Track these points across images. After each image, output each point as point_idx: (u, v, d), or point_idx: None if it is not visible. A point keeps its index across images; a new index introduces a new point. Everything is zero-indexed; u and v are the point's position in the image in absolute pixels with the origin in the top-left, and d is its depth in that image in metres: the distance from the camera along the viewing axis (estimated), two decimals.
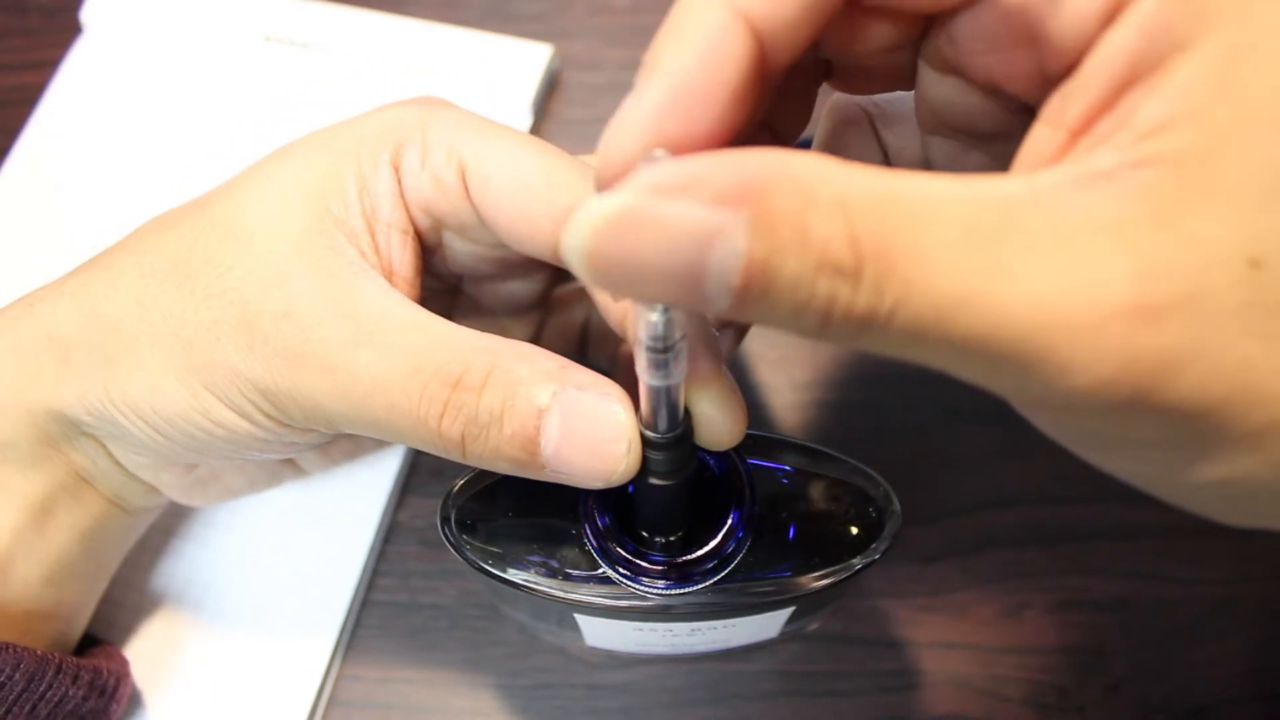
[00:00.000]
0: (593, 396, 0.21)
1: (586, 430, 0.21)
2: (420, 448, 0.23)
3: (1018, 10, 0.17)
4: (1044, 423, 0.17)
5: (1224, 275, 0.13)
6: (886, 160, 0.25)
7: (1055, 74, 0.17)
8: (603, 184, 0.18)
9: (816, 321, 0.14)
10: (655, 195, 0.13)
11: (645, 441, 0.21)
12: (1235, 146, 0.14)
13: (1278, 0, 0.14)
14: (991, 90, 0.20)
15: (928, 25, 0.20)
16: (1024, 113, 0.20)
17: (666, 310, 0.17)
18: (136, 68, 0.43)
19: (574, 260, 0.14)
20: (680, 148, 0.17)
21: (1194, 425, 0.14)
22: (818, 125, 0.26)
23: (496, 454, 0.22)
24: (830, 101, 0.26)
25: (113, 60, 0.43)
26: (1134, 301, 0.13)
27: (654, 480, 0.22)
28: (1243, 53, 0.14)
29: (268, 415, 0.25)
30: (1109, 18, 0.16)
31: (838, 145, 0.26)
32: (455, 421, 0.22)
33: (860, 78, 0.23)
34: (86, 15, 0.44)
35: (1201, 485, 0.15)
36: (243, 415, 0.25)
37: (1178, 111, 0.14)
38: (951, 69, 0.20)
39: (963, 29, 0.19)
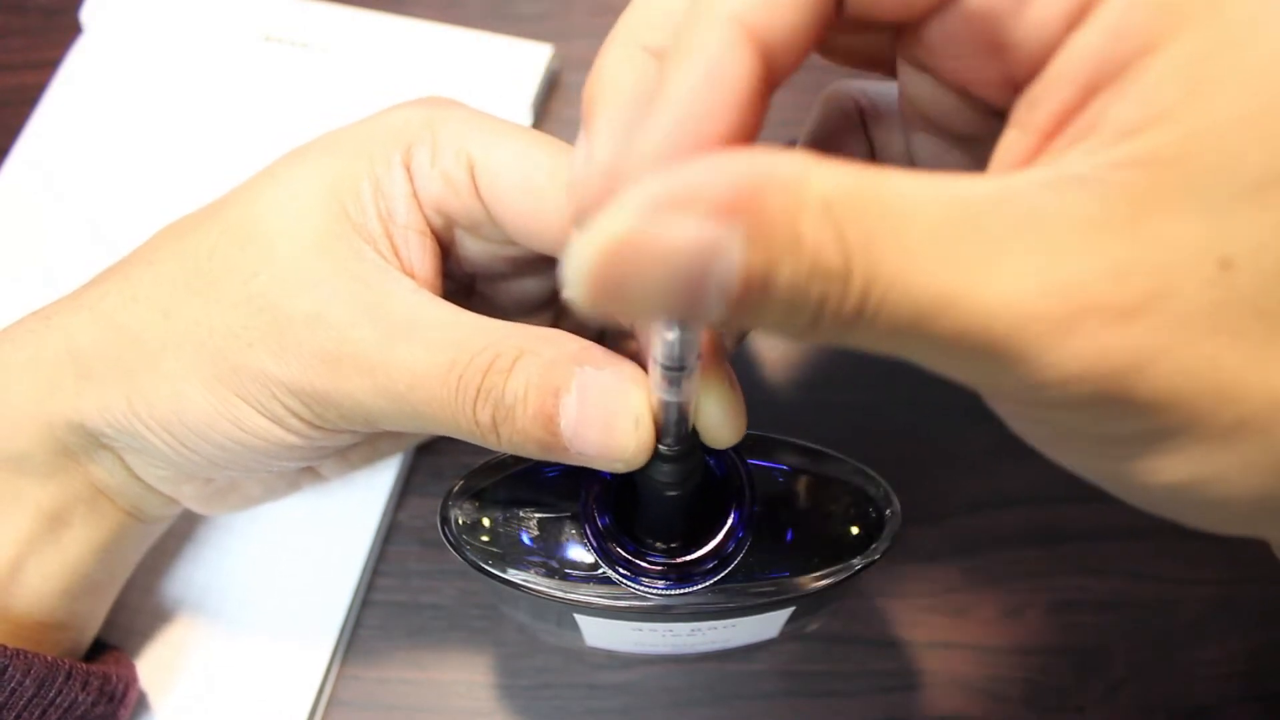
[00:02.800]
0: (607, 374, 0.22)
1: (601, 407, 0.21)
2: (460, 437, 0.23)
3: (981, 17, 0.17)
4: (1017, 419, 0.17)
5: (1194, 275, 0.14)
6: (873, 155, 0.25)
7: (1022, 79, 0.17)
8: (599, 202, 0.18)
9: (807, 323, 0.14)
10: (651, 215, 0.13)
11: (655, 453, 0.21)
12: (1206, 147, 0.14)
13: (1247, 5, 0.14)
14: (963, 93, 0.20)
15: (901, 28, 0.20)
16: (998, 116, 0.20)
17: (684, 330, 0.17)
18: (136, 68, 0.43)
19: (576, 291, 0.14)
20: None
21: (1163, 422, 0.14)
22: (810, 116, 0.26)
23: (525, 436, 0.22)
24: (824, 93, 0.26)
25: (113, 60, 0.43)
26: (1105, 300, 0.14)
27: (660, 490, 0.22)
28: (1212, 53, 0.14)
29: (302, 419, 0.25)
30: (1073, 23, 0.16)
31: (827, 137, 0.26)
32: (486, 405, 0.22)
33: (843, 61, 0.23)
34: (86, 15, 0.44)
35: (1172, 485, 0.15)
36: (275, 420, 0.25)
37: (1148, 113, 0.14)
38: (925, 69, 0.20)
39: (931, 34, 0.19)
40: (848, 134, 0.25)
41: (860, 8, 0.18)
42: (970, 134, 0.22)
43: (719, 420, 0.21)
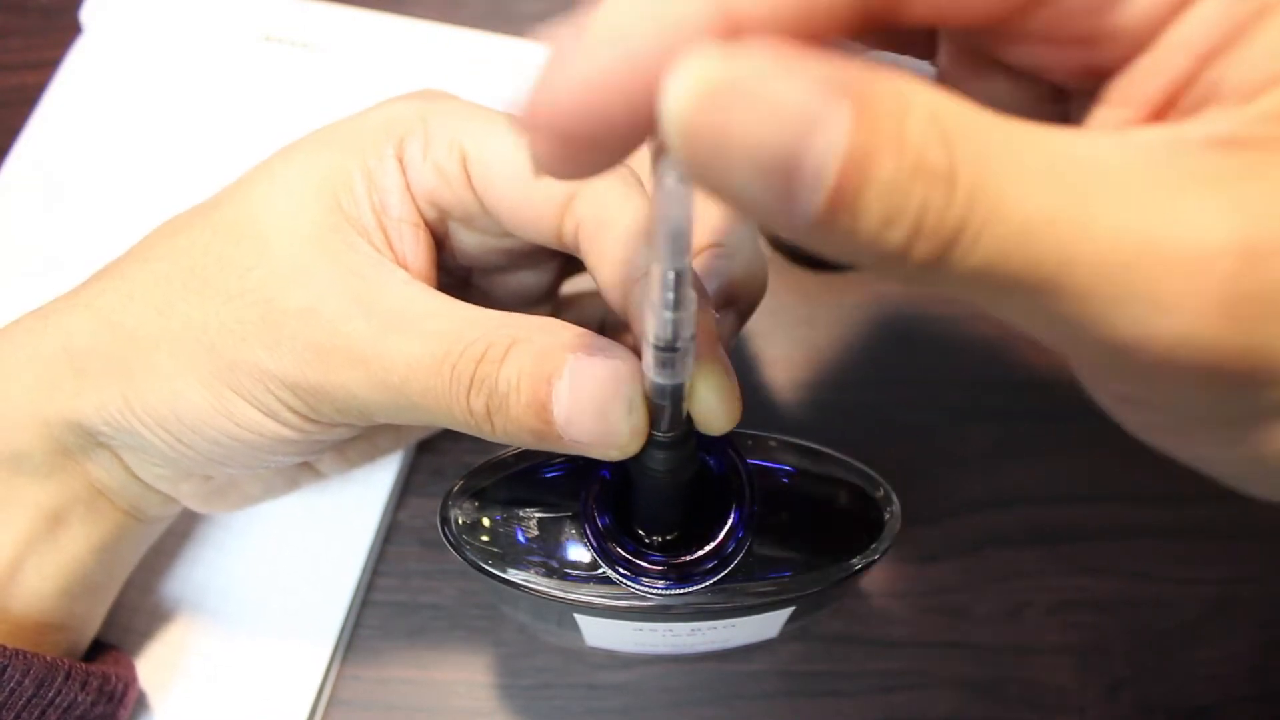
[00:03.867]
0: (600, 360, 0.21)
1: (593, 393, 0.21)
2: (455, 427, 0.23)
3: (1081, 10, 0.16)
4: (1115, 389, 0.16)
5: None
6: None
7: (1108, 65, 0.17)
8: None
9: (905, 235, 0.13)
10: (763, 67, 0.12)
11: (649, 440, 0.21)
12: None
13: None
14: (1022, 79, 0.20)
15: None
16: (1055, 100, 0.20)
17: (680, 309, 0.17)
18: (136, 68, 0.43)
19: (670, 130, 0.13)
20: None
21: None
22: None
23: (518, 424, 0.22)
24: None
25: (113, 60, 0.43)
26: (1238, 243, 0.13)
27: (656, 479, 0.22)
28: None
29: (296, 413, 0.25)
30: (1179, 7, 0.15)
31: None
32: (480, 395, 0.22)
33: (872, 43, 0.22)
34: (86, 15, 0.44)
35: None
36: (271, 415, 0.25)
37: (1270, 71, 0.14)
38: (981, 59, 0.20)
39: (1011, 30, 0.18)
40: None
41: (930, 10, 0.17)
42: (1017, 115, 0.21)
43: (714, 406, 0.21)
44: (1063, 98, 0.20)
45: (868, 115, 0.12)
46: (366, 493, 0.36)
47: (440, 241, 0.28)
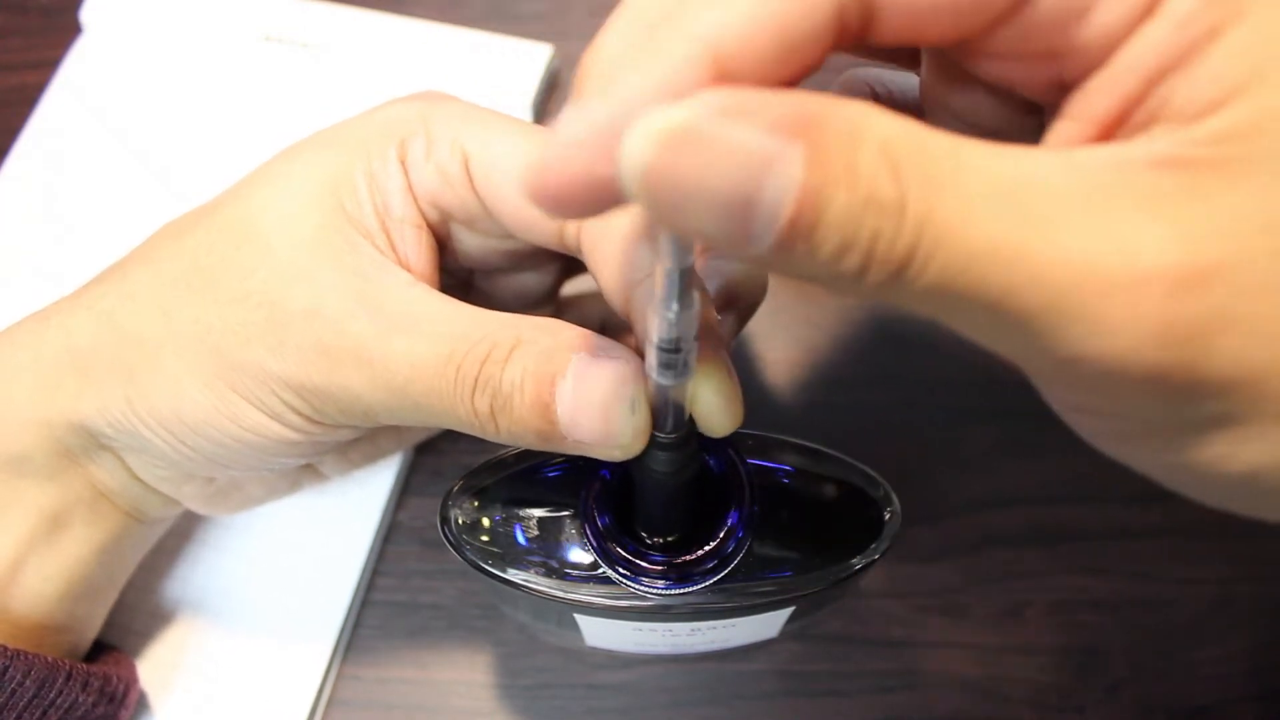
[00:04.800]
0: (603, 360, 0.22)
1: (596, 393, 0.21)
2: (459, 428, 0.23)
3: (1044, 28, 0.17)
4: (1064, 395, 0.16)
5: (1266, 247, 0.13)
6: None
7: (1074, 78, 0.17)
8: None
9: (858, 262, 0.13)
10: (718, 115, 0.13)
11: (651, 441, 0.21)
12: (1275, 123, 0.14)
13: None
14: (997, 92, 0.20)
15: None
16: (1031, 112, 0.20)
17: (684, 309, 0.17)
18: (136, 68, 0.43)
19: (629, 176, 0.13)
20: None
21: (1230, 402, 0.14)
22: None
23: (522, 425, 0.22)
24: (840, 79, 0.26)
25: (113, 60, 0.43)
26: (1175, 266, 0.13)
27: (658, 480, 0.22)
28: (1275, 34, 0.14)
29: (300, 414, 0.25)
30: (1137, 20, 0.16)
31: None
32: (484, 395, 0.22)
33: (860, 55, 0.23)
34: (86, 15, 0.44)
35: (1241, 474, 0.15)
36: (274, 417, 0.25)
37: (1219, 93, 0.14)
38: (959, 73, 0.20)
39: (982, 45, 0.18)
40: None
41: (897, 33, 0.17)
42: (996, 128, 0.21)
43: (715, 408, 0.21)
44: (1037, 110, 0.20)
45: (819, 152, 0.13)
46: (366, 493, 0.36)
47: (442, 243, 0.28)
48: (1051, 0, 0.16)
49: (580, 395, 0.21)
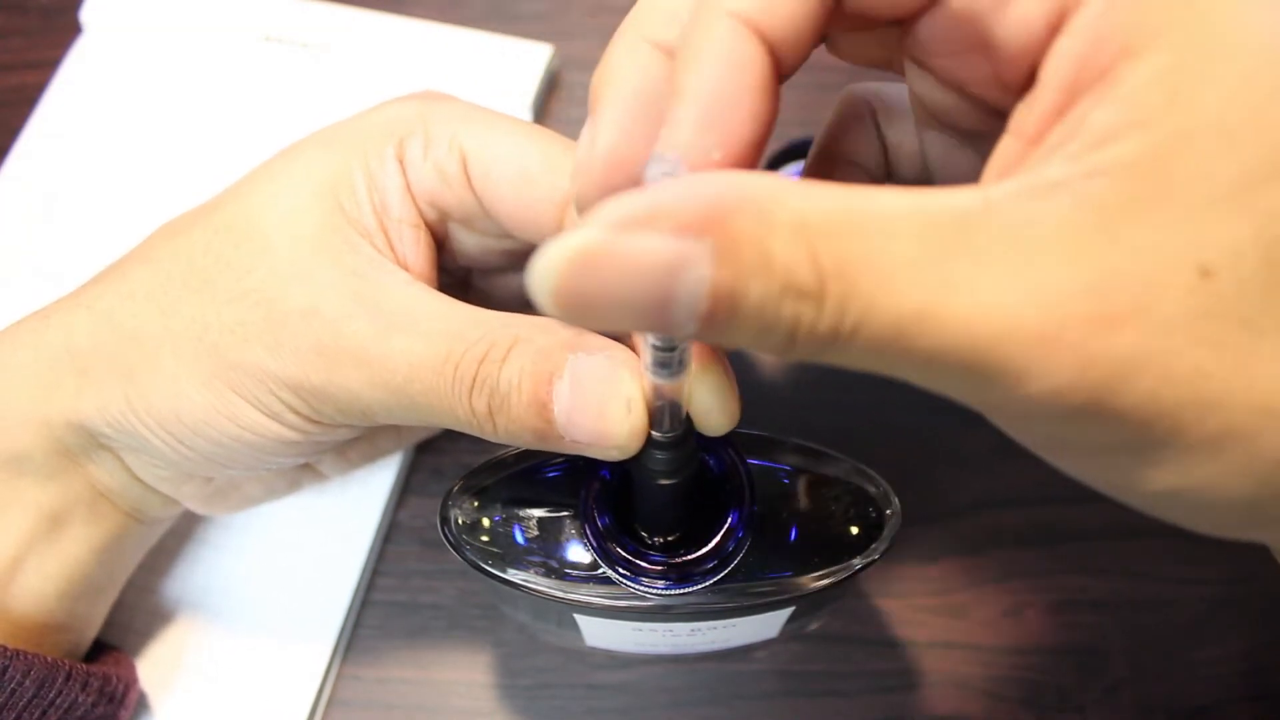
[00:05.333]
0: (600, 359, 0.22)
1: (593, 392, 0.21)
2: (458, 428, 0.24)
3: (965, 16, 0.17)
4: (1010, 429, 0.17)
5: (1175, 284, 0.14)
6: (886, 155, 0.26)
7: (1010, 79, 0.17)
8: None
9: (782, 342, 0.14)
10: (619, 230, 0.13)
11: (648, 440, 0.21)
12: (1185, 154, 0.14)
13: (1227, 10, 0.14)
14: (962, 92, 0.20)
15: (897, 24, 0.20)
16: (1000, 116, 0.20)
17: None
18: (136, 68, 0.43)
19: (542, 301, 0.14)
20: (717, 161, 0.17)
21: (1148, 432, 0.14)
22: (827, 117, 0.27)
23: (520, 424, 0.22)
24: (841, 95, 0.26)
25: (113, 60, 0.43)
26: (1086, 311, 0.14)
27: (656, 479, 0.22)
28: (1193, 61, 0.14)
29: (299, 414, 0.25)
30: (1055, 24, 0.16)
31: (841, 138, 0.26)
32: (482, 394, 0.22)
33: (853, 60, 0.23)
34: (86, 15, 0.44)
35: (1163, 492, 0.15)
36: (273, 416, 0.25)
37: (1127, 119, 0.14)
38: (924, 68, 0.20)
39: (922, 32, 0.19)
40: (860, 133, 0.25)
41: (856, 4, 0.18)
42: (976, 131, 0.22)
43: (712, 406, 0.21)
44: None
45: (730, 248, 0.13)
46: (366, 493, 0.36)
47: (440, 243, 0.28)
48: None
49: (577, 394, 0.21)
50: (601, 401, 0.21)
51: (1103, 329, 0.14)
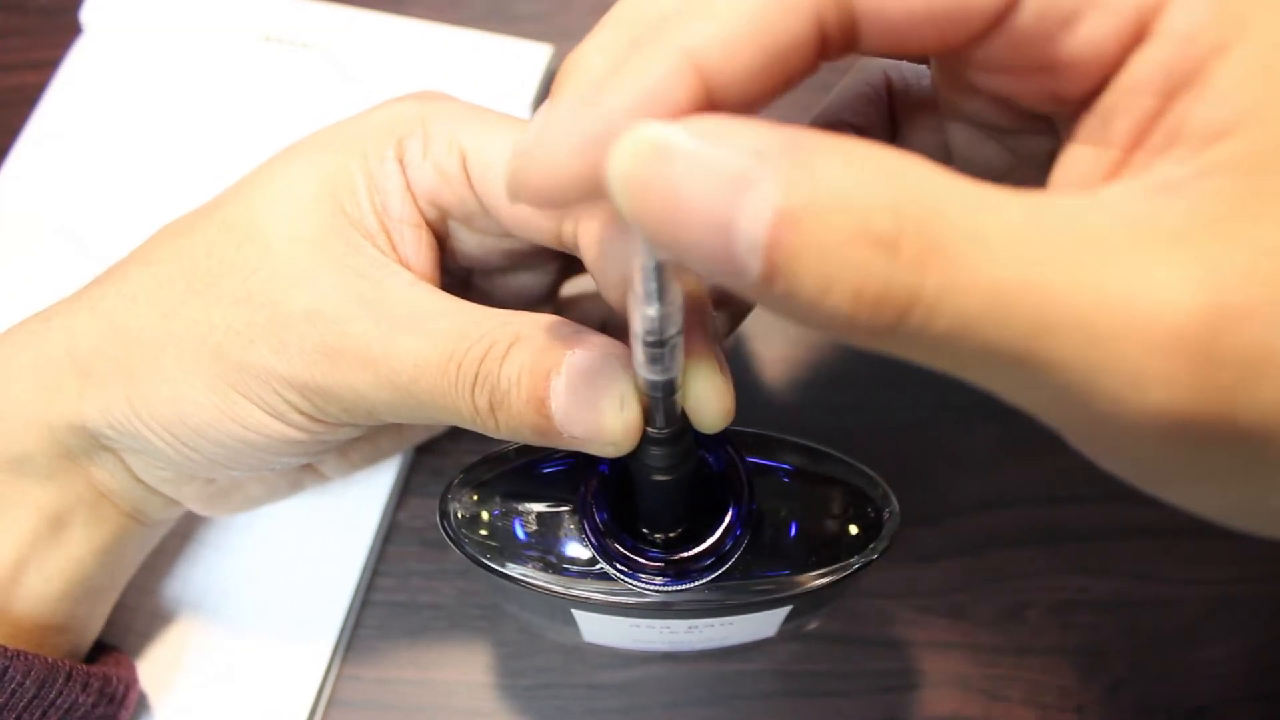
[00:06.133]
0: (595, 356, 0.22)
1: (587, 388, 0.21)
2: (461, 425, 0.24)
3: (1029, 41, 0.17)
4: (1095, 447, 0.15)
5: None
6: (895, 133, 0.25)
7: (1071, 94, 0.17)
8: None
9: (847, 301, 0.12)
10: (699, 135, 0.13)
11: (644, 436, 0.21)
12: None
13: None
14: (999, 101, 0.20)
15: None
16: (1037, 117, 0.20)
17: (663, 303, 0.17)
18: (136, 68, 0.43)
19: (615, 187, 0.13)
20: None
21: (1271, 445, 0.13)
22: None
23: (520, 420, 0.22)
24: (855, 65, 0.25)
25: (113, 60, 0.43)
26: (1207, 308, 0.13)
27: (653, 475, 0.22)
28: None
29: (303, 413, 0.25)
30: (1129, 37, 0.15)
31: (847, 106, 0.25)
32: (484, 392, 0.22)
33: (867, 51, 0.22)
34: (86, 15, 0.44)
35: (1268, 510, 0.15)
36: (277, 416, 0.25)
37: (1229, 115, 0.14)
38: (965, 81, 0.20)
39: (971, 57, 0.18)
40: (869, 105, 0.25)
41: (880, 44, 0.17)
42: (1007, 129, 0.21)
43: (706, 402, 0.21)
44: (1044, 120, 0.20)
45: (803, 176, 0.12)
46: (366, 493, 0.36)
47: (441, 242, 0.28)
48: (1035, 13, 0.16)
49: (573, 390, 0.21)
50: (595, 398, 0.21)
51: (1227, 328, 0.13)
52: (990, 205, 0.13)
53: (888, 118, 0.25)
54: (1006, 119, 0.21)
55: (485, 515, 0.24)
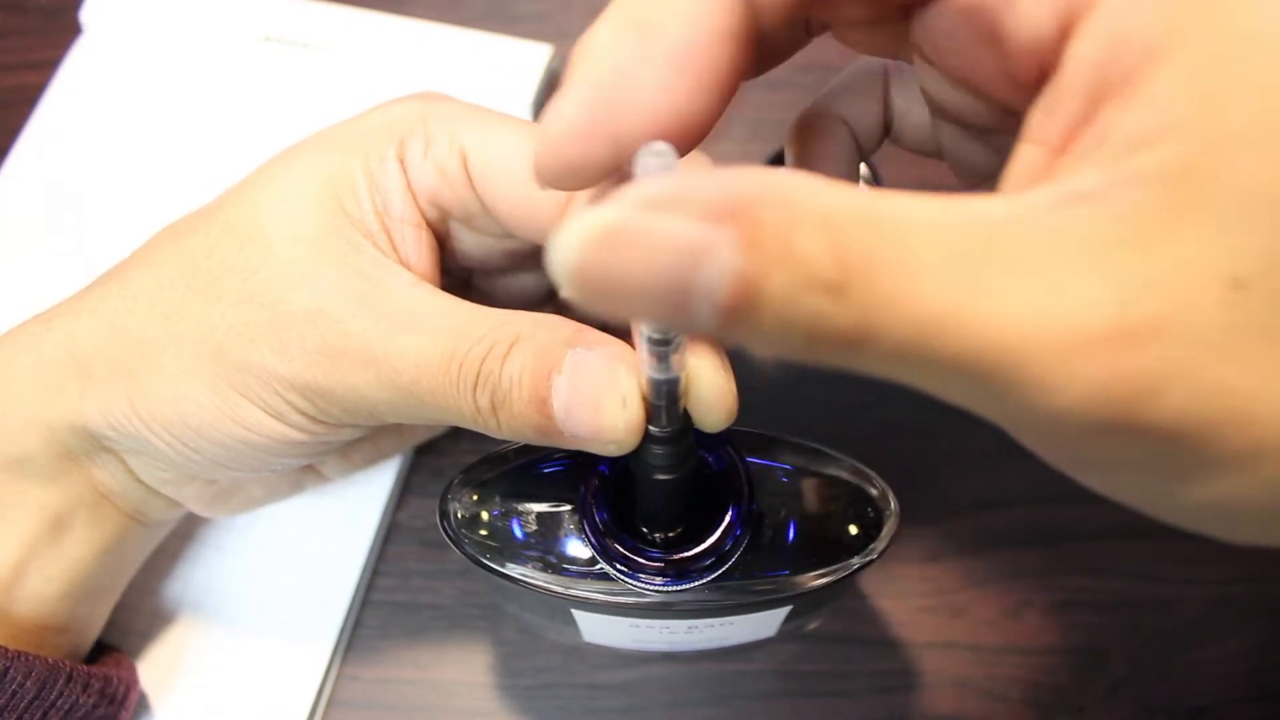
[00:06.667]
0: (597, 354, 0.22)
1: (590, 387, 0.21)
2: (463, 424, 0.24)
3: (971, 10, 0.17)
4: (1035, 445, 0.16)
5: (1205, 297, 0.13)
6: (887, 122, 0.25)
7: (1023, 79, 0.17)
8: (588, 162, 0.18)
9: (802, 341, 0.14)
10: (644, 209, 0.13)
11: (646, 436, 0.21)
12: (1217, 163, 0.13)
13: (1253, 8, 0.14)
14: (970, 89, 0.20)
15: (901, 12, 0.20)
16: (1011, 114, 0.20)
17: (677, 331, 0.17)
18: (136, 68, 0.43)
19: (561, 277, 0.13)
20: (675, 120, 0.17)
21: (1176, 448, 0.14)
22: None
23: (521, 419, 0.22)
24: (855, 61, 0.26)
25: (113, 60, 0.43)
26: (1114, 324, 0.13)
27: (654, 475, 0.22)
28: (1221, 63, 0.14)
29: (305, 414, 0.25)
30: (1065, 25, 0.16)
31: (839, 98, 0.25)
32: (485, 391, 0.22)
33: (864, 50, 0.23)
34: (86, 15, 0.44)
35: (1192, 507, 0.15)
36: (278, 417, 0.25)
37: (1156, 126, 0.14)
38: (931, 63, 0.20)
39: (929, 23, 0.19)
40: (862, 97, 0.25)
41: None
42: (986, 127, 0.22)
43: (709, 402, 0.21)
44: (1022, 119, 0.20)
45: (754, 237, 0.13)
46: (366, 493, 0.36)
47: (442, 242, 0.28)
48: None
49: (574, 390, 0.21)
50: (598, 397, 0.21)
51: (1130, 343, 0.13)
52: (919, 229, 0.13)
53: (878, 104, 0.25)
54: (983, 115, 0.21)
55: (485, 515, 0.24)
